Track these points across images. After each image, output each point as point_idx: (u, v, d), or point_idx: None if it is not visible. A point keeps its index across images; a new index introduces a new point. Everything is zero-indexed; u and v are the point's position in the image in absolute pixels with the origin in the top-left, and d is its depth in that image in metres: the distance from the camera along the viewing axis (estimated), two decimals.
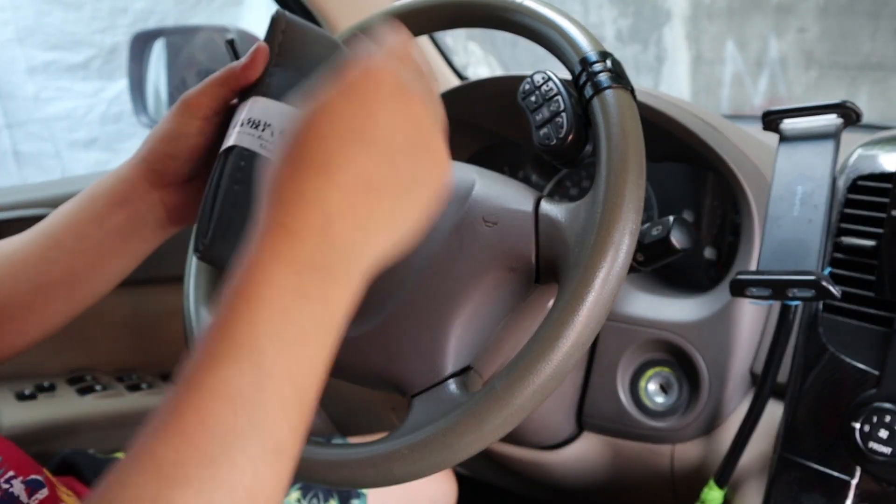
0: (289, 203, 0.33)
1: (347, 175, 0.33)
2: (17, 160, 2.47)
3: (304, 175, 0.33)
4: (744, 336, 0.67)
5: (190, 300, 0.59)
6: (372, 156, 0.34)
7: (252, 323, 0.31)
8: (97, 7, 2.43)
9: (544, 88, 0.50)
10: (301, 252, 0.32)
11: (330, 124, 0.34)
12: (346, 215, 0.33)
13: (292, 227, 0.32)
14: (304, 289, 0.32)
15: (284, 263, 0.32)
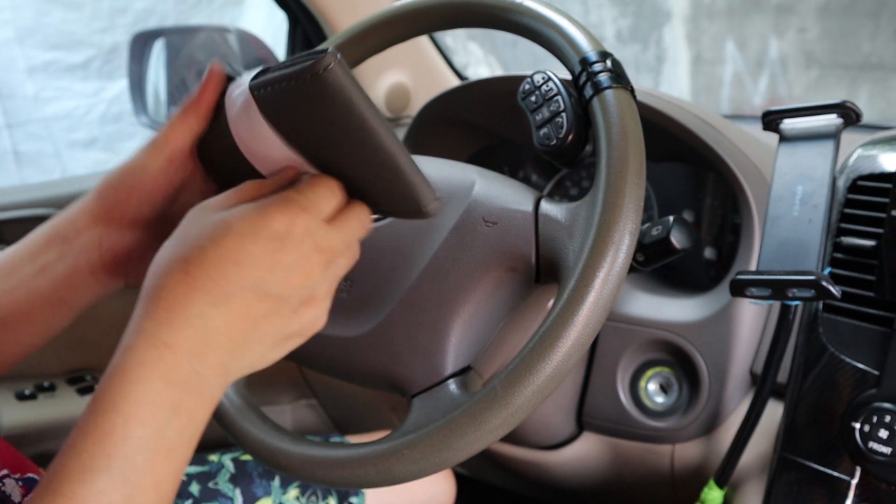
0: (175, 323, 0.34)
1: (236, 311, 0.35)
2: (16, 160, 2.47)
3: (198, 299, 0.35)
4: (744, 336, 0.67)
5: None
6: (263, 301, 0.36)
7: (126, 438, 0.33)
8: (97, 7, 2.43)
9: (544, 88, 0.50)
10: (179, 372, 0.34)
11: (237, 259, 0.35)
12: (225, 345, 0.35)
13: (175, 347, 0.34)
14: (177, 407, 0.34)
15: (163, 382, 0.34)
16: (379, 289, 0.49)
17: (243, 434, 0.49)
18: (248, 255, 0.35)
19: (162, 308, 0.35)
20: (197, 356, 0.35)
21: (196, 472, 0.76)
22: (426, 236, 0.49)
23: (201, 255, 0.35)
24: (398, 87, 1.13)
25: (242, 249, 0.35)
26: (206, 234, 0.36)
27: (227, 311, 0.35)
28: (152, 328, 0.35)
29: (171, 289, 0.35)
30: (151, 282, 0.36)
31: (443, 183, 0.50)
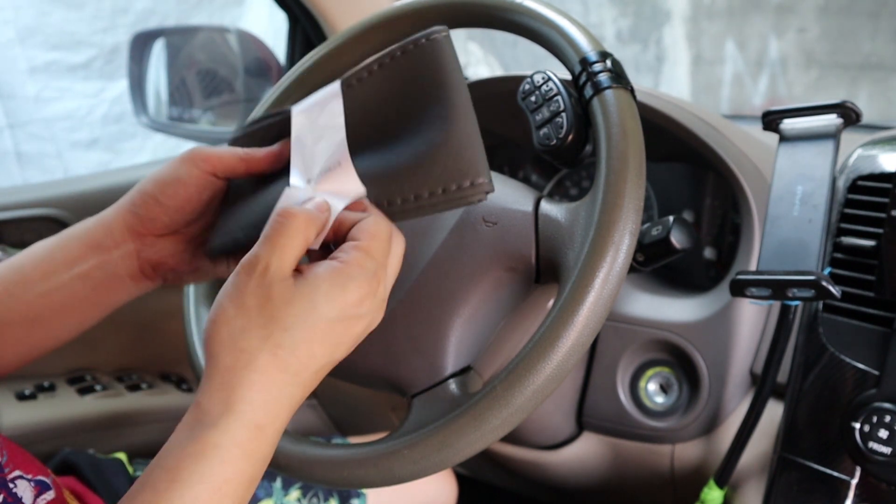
0: (269, 406, 0.38)
1: (316, 379, 0.40)
2: (18, 160, 2.47)
3: (288, 383, 0.38)
4: (744, 336, 0.67)
5: (190, 300, 0.59)
6: (297, 346, 0.38)
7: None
8: (98, 7, 2.43)
9: (544, 88, 0.50)
10: (264, 450, 0.38)
11: (323, 340, 0.39)
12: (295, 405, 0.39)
13: (266, 428, 0.38)
14: (254, 480, 0.38)
15: (249, 461, 0.37)
16: None
17: None
18: (334, 334, 0.39)
19: (256, 390, 0.37)
20: (280, 431, 0.38)
21: None
22: (426, 236, 0.49)
23: (290, 339, 0.38)
24: None
25: (331, 331, 0.38)
26: (292, 312, 0.38)
27: (310, 383, 0.39)
28: (248, 411, 0.37)
29: (263, 371, 0.37)
30: (233, 355, 0.38)
31: None
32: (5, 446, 0.51)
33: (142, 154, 2.55)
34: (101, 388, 0.93)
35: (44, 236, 0.91)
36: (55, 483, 0.53)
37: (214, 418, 0.37)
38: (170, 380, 1.02)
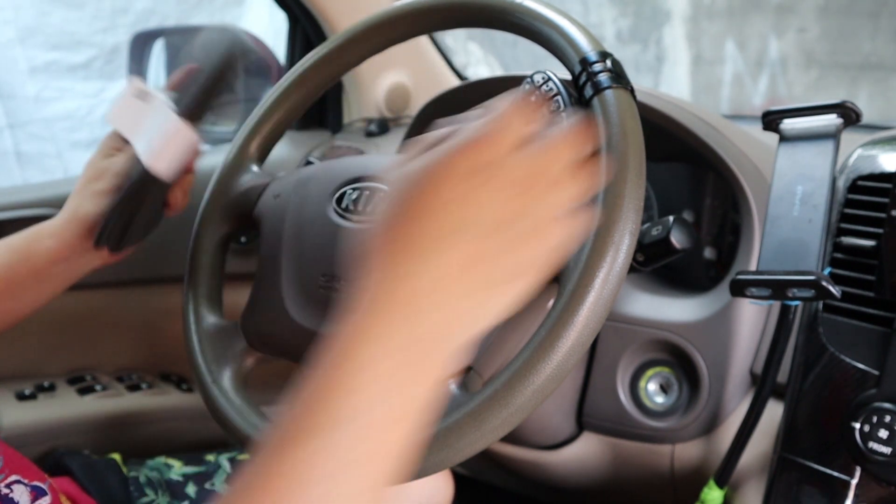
0: (385, 286, 0.33)
1: (447, 260, 0.33)
2: (18, 160, 2.47)
3: (404, 258, 0.33)
4: (744, 336, 0.67)
5: (190, 301, 0.59)
6: (472, 243, 0.33)
7: (340, 404, 0.31)
8: (98, 7, 2.43)
9: (544, 88, 0.50)
10: (394, 337, 0.32)
11: (435, 206, 0.33)
12: (440, 301, 0.33)
13: (388, 312, 0.32)
14: (395, 373, 0.32)
15: (379, 349, 0.32)
16: None
17: (244, 435, 0.49)
18: (446, 199, 0.33)
19: (375, 275, 0.33)
20: (413, 319, 0.32)
21: (192, 473, 0.76)
22: None
23: (405, 216, 0.33)
24: (398, 87, 1.13)
25: (440, 196, 0.33)
26: (406, 204, 0.34)
27: (441, 262, 0.33)
28: (365, 297, 0.33)
29: (380, 258, 0.33)
30: (365, 258, 0.34)
31: None
32: (3, 451, 0.51)
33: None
34: (101, 388, 0.93)
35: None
36: (52, 488, 0.54)
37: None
38: (170, 380, 1.02)
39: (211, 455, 0.80)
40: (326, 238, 0.53)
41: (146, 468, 0.76)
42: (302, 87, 0.61)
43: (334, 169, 0.56)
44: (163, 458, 0.79)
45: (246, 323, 0.56)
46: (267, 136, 0.62)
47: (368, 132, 1.09)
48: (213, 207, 0.61)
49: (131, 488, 0.71)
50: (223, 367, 0.54)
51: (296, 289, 0.53)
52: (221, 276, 0.61)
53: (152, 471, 0.75)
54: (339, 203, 0.53)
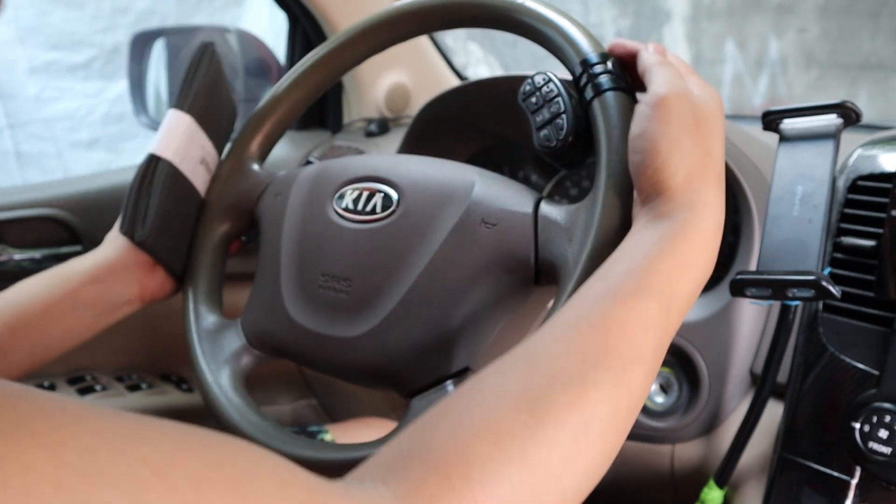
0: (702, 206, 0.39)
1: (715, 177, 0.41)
2: (18, 160, 2.47)
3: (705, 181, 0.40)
4: (744, 336, 0.67)
5: (190, 300, 0.59)
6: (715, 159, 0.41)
7: (668, 271, 0.37)
8: (98, 7, 2.43)
9: (545, 90, 0.50)
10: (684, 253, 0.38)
11: (708, 134, 0.41)
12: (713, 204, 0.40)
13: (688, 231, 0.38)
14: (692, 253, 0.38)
15: (687, 244, 0.38)
16: (378, 289, 0.49)
17: (243, 434, 0.49)
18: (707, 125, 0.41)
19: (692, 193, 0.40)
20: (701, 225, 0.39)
21: None
22: (425, 237, 0.49)
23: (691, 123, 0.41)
24: (398, 87, 1.13)
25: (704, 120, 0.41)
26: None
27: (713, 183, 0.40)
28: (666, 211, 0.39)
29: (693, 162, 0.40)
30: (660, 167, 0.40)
31: (443, 183, 0.50)
32: None
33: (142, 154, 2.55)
34: (101, 388, 0.93)
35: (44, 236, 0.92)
36: None
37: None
38: (170, 380, 1.02)
39: None
40: (326, 238, 0.53)
41: None
42: (302, 87, 0.61)
43: (334, 169, 0.56)
44: None
45: (246, 322, 0.56)
46: (267, 135, 0.63)
47: (368, 132, 1.09)
48: (213, 207, 0.61)
49: None
50: (223, 366, 0.54)
51: (295, 288, 0.53)
52: (221, 275, 0.61)
53: None
54: (340, 203, 0.53)
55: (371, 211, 0.51)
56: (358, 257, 0.51)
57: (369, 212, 0.51)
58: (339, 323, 0.50)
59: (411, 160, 0.54)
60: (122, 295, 0.58)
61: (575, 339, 0.34)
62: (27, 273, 0.60)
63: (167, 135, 0.60)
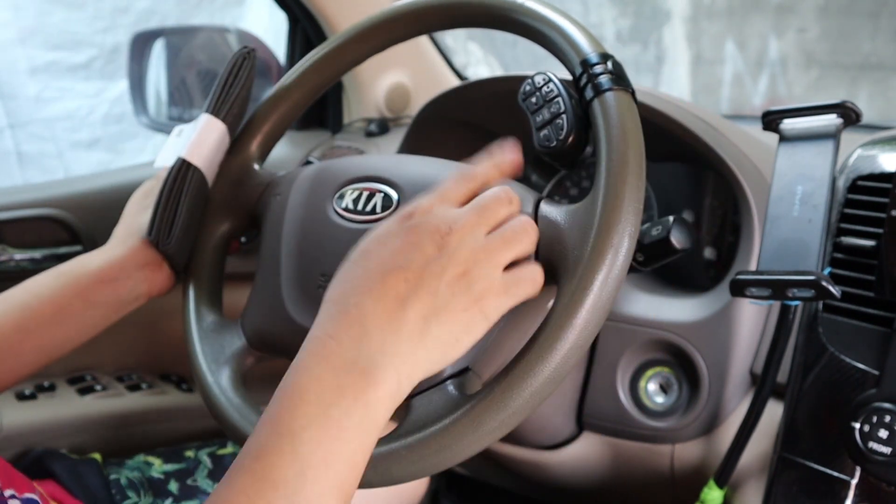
0: (335, 316, 0.38)
1: (385, 290, 0.38)
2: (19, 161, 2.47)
3: (351, 293, 0.39)
4: (744, 336, 0.67)
5: (190, 300, 0.59)
6: (408, 281, 0.38)
7: (294, 416, 0.35)
8: (99, 7, 2.43)
9: (545, 90, 0.50)
10: (340, 355, 0.37)
11: (380, 256, 0.40)
12: (380, 325, 0.38)
13: (336, 335, 0.38)
14: (342, 388, 0.36)
15: (326, 364, 0.37)
16: None
17: (243, 434, 0.49)
18: (388, 251, 0.40)
19: (329, 311, 0.39)
20: (358, 341, 0.37)
21: (174, 470, 0.76)
22: None
23: (355, 266, 0.40)
24: (398, 87, 1.13)
25: (384, 249, 0.40)
26: (357, 256, 0.41)
27: (378, 294, 0.38)
28: (320, 328, 0.39)
29: (333, 297, 0.40)
30: (326, 301, 0.40)
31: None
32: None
33: (143, 154, 2.56)
34: (101, 388, 0.93)
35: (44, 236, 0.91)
36: (42, 498, 0.54)
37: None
38: (170, 380, 1.02)
39: (190, 451, 0.80)
40: (326, 238, 0.53)
41: (126, 469, 0.75)
42: (302, 87, 0.61)
43: (334, 169, 0.56)
44: (142, 457, 0.78)
45: (246, 322, 0.56)
46: (267, 135, 0.63)
47: (368, 132, 1.09)
48: (214, 206, 0.61)
49: (113, 491, 0.71)
50: (223, 366, 0.54)
51: (295, 288, 0.53)
52: (222, 275, 0.61)
53: (133, 471, 0.75)
54: (340, 203, 0.53)
55: (371, 211, 0.51)
56: None
57: (369, 212, 0.51)
58: None
59: (411, 160, 0.54)
60: (133, 292, 0.59)
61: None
62: (28, 273, 0.60)
63: (200, 141, 0.59)
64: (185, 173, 0.58)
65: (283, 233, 0.55)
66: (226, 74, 0.61)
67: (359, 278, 0.39)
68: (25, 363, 0.56)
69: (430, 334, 0.38)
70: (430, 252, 0.39)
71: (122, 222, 0.62)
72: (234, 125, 0.61)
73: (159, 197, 0.58)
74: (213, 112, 0.60)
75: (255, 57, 0.62)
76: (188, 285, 0.60)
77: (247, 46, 0.62)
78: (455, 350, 0.39)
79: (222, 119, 0.60)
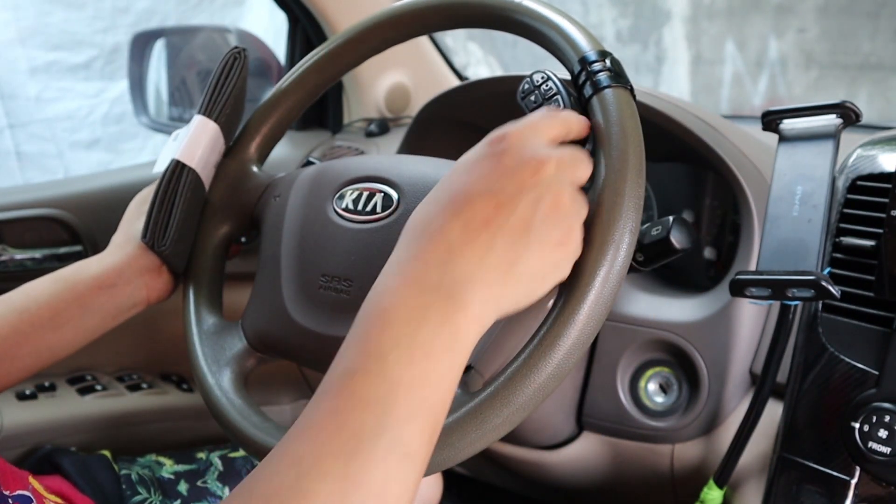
0: (419, 238, 0.38)
1: (473, 215, 0.37)
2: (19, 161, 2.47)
3: (436, 215, 0.38)
4: (743, 336, 0.67)
5: (190, 303, 0.59)
6: (498, 208, 0.37)
7: (381, 337, 0.35)
8: (99, 7, 2.43)
9: (544, 88, 0.50)
10: (425, 277, 0.36)
11: (467, 179, 0.39)
12: (466, 250, 0.36)
13: (420, 256, 0.37)
14: (428, 309, 0.35)
15: (411, 287, 0.36)
16: None
17: (245, 435, 0.49)
18: (476, 175, 0.38)
19: (413, 233, 0.38)
20: (443, 264, 0.36)
21: (184, 471, 0.76)
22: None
23: (443, 190, 0.39)
24: (398, 87, 1.13)
25: (472, 174, 0.39)
26: (445, 181, 0.40)
27: (465, 216, 0.37)
28: (404, 250, 0.38)
29: (419, 219, 0.39)
30: (410, 223, 0.39)
31: None
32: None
33: (143, 154, 2.56)
34: (101, 388, 0.93)
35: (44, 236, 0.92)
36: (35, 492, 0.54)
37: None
38: (170, 380, 1.02)
39: (202, 452, 0.80)
40: (326, 238, 0.53)
41: (137, 466, 0.76)
42: (302, 87, 0.61)
43: (334, 169, 0.56)
44: (153, 456, 0.79)
45: (246, 324, 0.56)
46: (267, 137, 0.63)
47: (368, 132, 1.09)
48: (213, 208, 0.61)
49: (123, 486, 0.71)
50: (224, 367, 0.54)
51: (296, 289, 0.53)
52: (221, 277, 0.61)
53: (143, 468, 0.75)
54: (340, 203, 0.53)
55: (371, 211, 0.51)
56: (359, 257, 0.51)
57: (369, 212, 0.51)
58: (341, 323, 0.50)
59: (411, 160, 0.54)
60: (131, 299, 0.59)
61: (291, 446, 0.33)
62: (28, 273, 0.61)
63: (193, 142, 0.59)
64: (180, 175, 0.58)
65: (283, 234, 0.55)
66: (217, 75, 0.61)
67: (444, 201, 0.38)
68: (21, 367, 0.56)
69: (518, 266, 0.37)
70: (526, 180, 0.38)
71: (121, 229, 0.61)
72: (228, 125, 0.61)
73: (154, 199, 0.57)
74: (205, 113, 0.60)
75: (246, 56, 0.61)
76: (188, 288, 0.60)
77: (237, 46, 0.62)
78: (541, 288, 0.39)
79: (215, 119, 0.60)
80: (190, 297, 0.59)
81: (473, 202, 0.37)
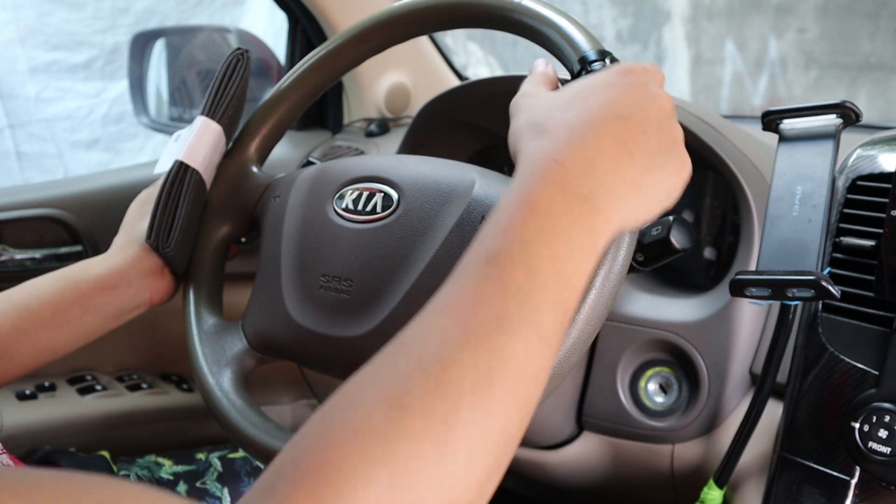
0: (560, 142, 0.38)
1: (608, 132, 0.39)
2: (19, 161, 2.47)
3: (576, 127, 0.39)
4: (743, 336, 0.67)
5: (190, 303, 0.59)
6: (629, 128, 0.39)
7: (525, 226, 0.35)
8: (99, 7, 2.43)
9: None
10: (565, 178, 0.37)
11: (598, 101, 0.40)
12: (604, 162, 0.38)
13: (561, 159, 0.37)
14: (571, 210, 0.36)
15: (553, 185, 0.36)
16: (380, 289, 0.49)
17: (245, 436, 0.49)
18: (612, 95, 0.40)
19: (548, 134, 0.39)
20: (583, 169, 0.37)
21: (183, 472, 0.76)
22: (426, 236, 0.49)
23: (580, 103, 0.41)
24: (398, 87, 1.13)
25: (609, 93, 0.41)
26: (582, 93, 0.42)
27: (603, 132, 0.39)
28: (545, 147, 0.38)
29: (553, 121, 0.40)
30: (533, 120, 0.41)
31: (443, 182, 0.50)
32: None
33: (142, 154, 2.55)
34: (102, 388, 0.93)
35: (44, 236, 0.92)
36: None
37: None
38: (170, 380, 1.02)
39: (201, 453, 0.80)
40: (327, 238, 0.53)
41: (136, 467, 0.76)
42: (302, 87, 0.61)
43: (334, 169, 0.56)
44: (152, 457, 0.79)
45: (246, 323, 0.56)
46: (265, 137, 0.63)
47: (368, 132, 1.09)
48: (213, 209, 0.61)
49: None
50: (224, 368, 0.54)
51: (296, 289, 0.53)
52: (222, 277, 0.61)
53: (142, 469, 0.75)
54: (340, 203, 0.53)
55: (371, 211, 0.51)
56: (359, 257, 0.51)
57: (370, 212, 0.51)
58: (341, 323, 0.50)
59: (411, 160, 0.54)
60: (133, 300, 0.59)
61: (435, 319, 0.33)
62: (28, 273, 0.61)
63: (196, 143, 0.59)
64: (183, 176, 0.58)
65: (283, 234, 0.55)
66: (220, 76, 0.61)
67: (580, 115, 0.39)
68: (20, 364, 0.56)
69: (645, 185, 0.39)
70: (652, 113, 0.40)
71: (122, 231, 0.61)
72: (231, 126, 0.61)
73: (158, 200, 0.57)
74: (208, 114, 0.60)
75: (249, 58, 0.62)
76: (188, 288, 0.60)
77: (240, 48, 0.62)
78: (657, 208, 0.40)
79: (218, 121, 0.60)
80: (190, 298, 0.59)
81: (609, 121, 0.39)
